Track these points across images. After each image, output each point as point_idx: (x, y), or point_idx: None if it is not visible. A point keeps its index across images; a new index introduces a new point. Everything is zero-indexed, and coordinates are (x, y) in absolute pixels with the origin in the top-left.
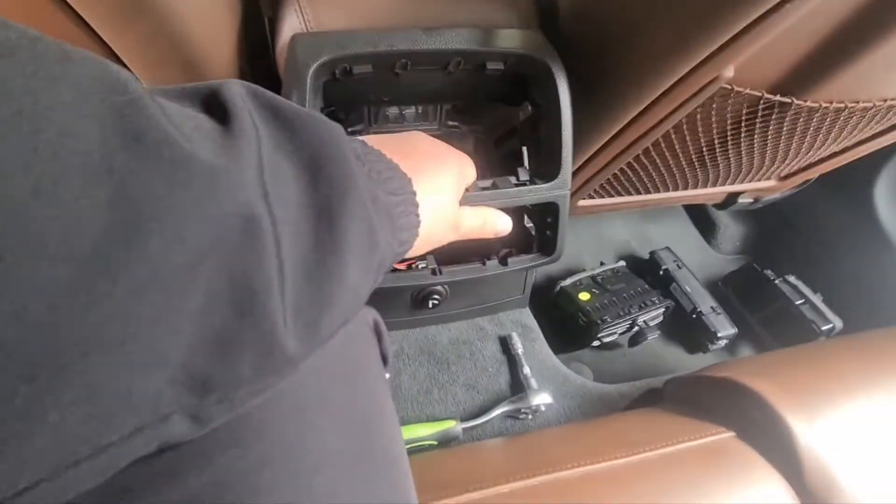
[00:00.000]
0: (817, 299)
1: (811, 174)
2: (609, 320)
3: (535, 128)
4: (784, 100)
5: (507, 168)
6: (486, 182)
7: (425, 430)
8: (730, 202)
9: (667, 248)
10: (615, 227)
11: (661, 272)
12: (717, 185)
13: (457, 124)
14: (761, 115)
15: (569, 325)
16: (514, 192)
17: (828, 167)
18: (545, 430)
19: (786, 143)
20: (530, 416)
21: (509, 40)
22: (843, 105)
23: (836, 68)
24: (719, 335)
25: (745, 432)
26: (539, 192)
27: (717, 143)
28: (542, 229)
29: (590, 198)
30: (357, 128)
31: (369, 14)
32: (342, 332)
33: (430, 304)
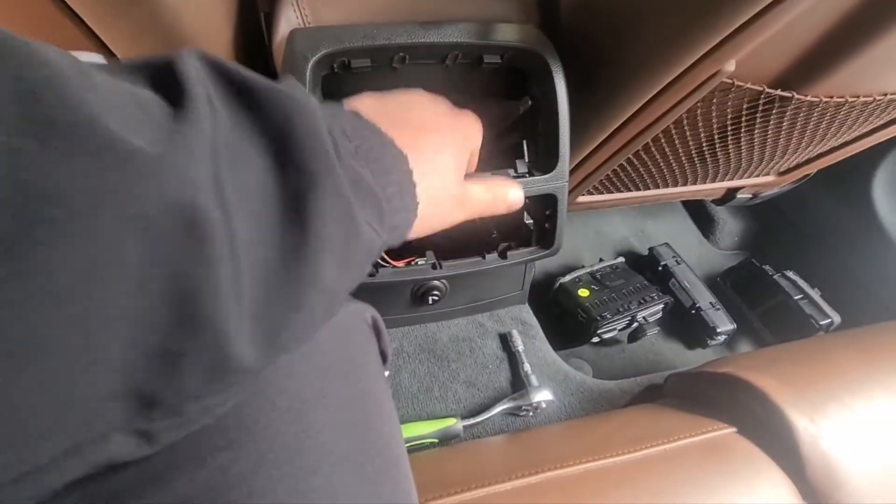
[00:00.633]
0: (815, 294)
1: (810, 169)
2: (608, 317)
3: (533, 121)
4: (785, 94)
5: (507, 161)
6: (485, 174)
7: (426, 429)
8: (728, 198)
9: (665, 243)
10: (614, 223)
11: (659, 268)
12: (717, 180)
13: None
14: (762, 109)
15: (568, 322)
16: None
17: (826, 162)
18: (546, 426)
19: (786, 137)
20: (531, 413)
21: (506, 34)
22: (843, 99)
23: (837, 62)
24: (718, 330)
25: (747, 428)
26: (537, 184)
27: (717, 138)
28: (540, 223)
29: (589, 194)
30: None
31: (367, 9)
32: (339, 329)
33: (430, 300)
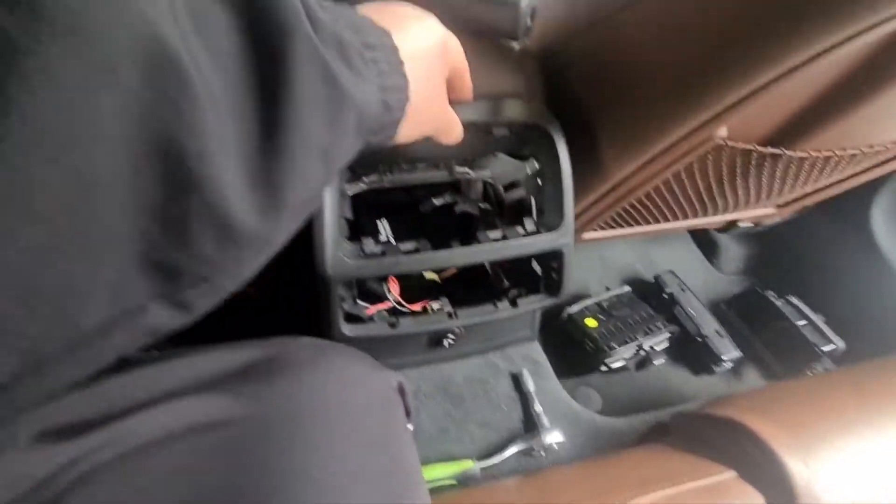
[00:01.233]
0: (819, 320)
1: (808, 202)
2: (615, 346)
3: (539, 182)
4: (775, 151)
5: (514, 214)
6: (497, 233)
7: (445, 471)
8: (730, 227)
9: (670, 271)
10: (619, 249)
11: (665, 295)
12: (717, 214)
13: (467, 170)
14: (755, 164)
15: (576, 351)
16: (522, 242)
17: (824, 196)
18: (559, 467)
19: (780, 183)
20: (543, 453)
21: (513, 110)
22: (831, 153)
23: (823, 125)
24: (724, 358)
25: (746, 472)
26: (545, 241)
27: (715, 187)
28: (548, 272)
29: (594, 230)
30: (371, 177)
31: None
32: (373, 404)
33: (446, 343)
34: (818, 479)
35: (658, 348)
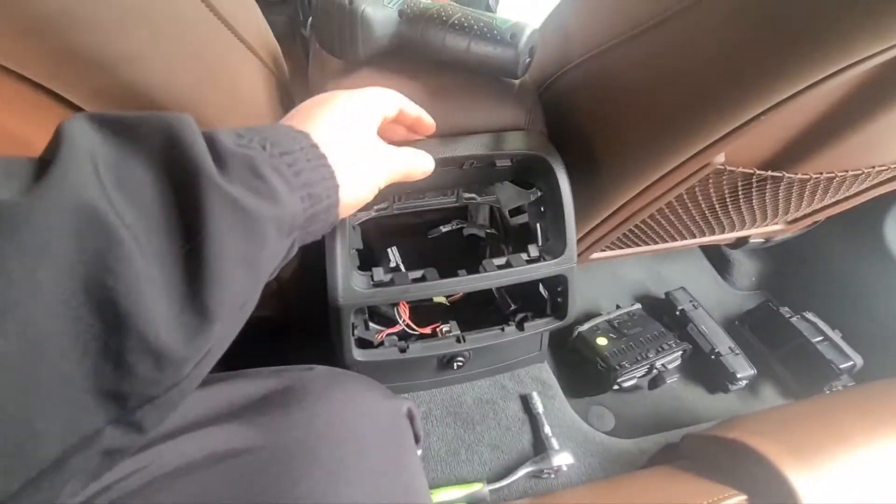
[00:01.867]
0: (836, 336)
1: (818, 217)
2: (627, 366)
3: (542, 209)
4: (776, 174)
5: (520, 239)
6: (501, 260)
7: (456, 493)
8: (741, 243)
9: (682, 287)
10: (630, 265)
11: (677, 312)
12: (725, 233)
13: (473, 196)
14: (756, 185)
15: (587, 370)
16: (527, 269)
17: (833, 212)
18: (569, 489)
19: (784, 203)
20: (553, 475)
21: (515, 143)
22: (833, 174)
23: (822, 148)
24: (738, 376)
25: (756, 495)
26: (549, 267)
27: (718, 208)
28: (553, 296)
29: (601, 251)
30: (381, 205)
31: None
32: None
33: (455, 365)
34: (826, 502)
35: (670, 366)
